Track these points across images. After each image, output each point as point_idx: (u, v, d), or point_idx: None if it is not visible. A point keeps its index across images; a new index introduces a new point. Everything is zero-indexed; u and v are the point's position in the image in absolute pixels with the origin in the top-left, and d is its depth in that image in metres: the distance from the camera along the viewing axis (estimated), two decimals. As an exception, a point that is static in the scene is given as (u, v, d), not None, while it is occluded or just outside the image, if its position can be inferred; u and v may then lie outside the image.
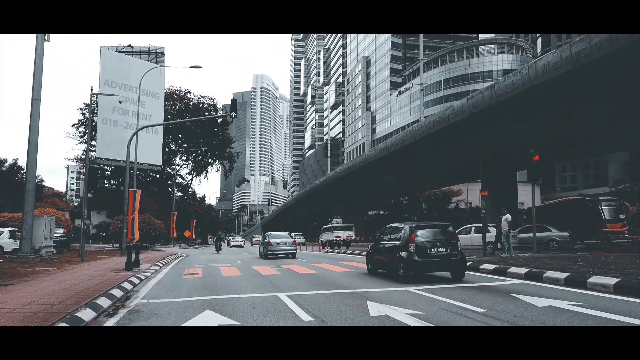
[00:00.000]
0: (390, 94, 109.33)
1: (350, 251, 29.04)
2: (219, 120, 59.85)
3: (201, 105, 59.41)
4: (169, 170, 62.43)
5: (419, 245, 11.06)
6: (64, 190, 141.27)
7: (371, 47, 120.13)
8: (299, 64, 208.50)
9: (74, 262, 17.26)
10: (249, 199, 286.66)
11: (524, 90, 21.45)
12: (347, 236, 42.90)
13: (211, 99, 59.39)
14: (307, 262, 19.31)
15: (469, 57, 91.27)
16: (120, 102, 29.86)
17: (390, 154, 35.54)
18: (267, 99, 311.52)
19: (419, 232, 11.30)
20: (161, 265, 18.84)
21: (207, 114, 59.69)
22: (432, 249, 11.07)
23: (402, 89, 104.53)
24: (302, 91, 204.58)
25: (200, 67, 28.50)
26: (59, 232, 27.93)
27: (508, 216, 17.10)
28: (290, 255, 24.59)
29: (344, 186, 53.95)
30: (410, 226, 11.61)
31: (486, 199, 19.18)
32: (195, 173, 65.17)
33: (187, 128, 61.02)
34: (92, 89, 22.28)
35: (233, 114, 21.35)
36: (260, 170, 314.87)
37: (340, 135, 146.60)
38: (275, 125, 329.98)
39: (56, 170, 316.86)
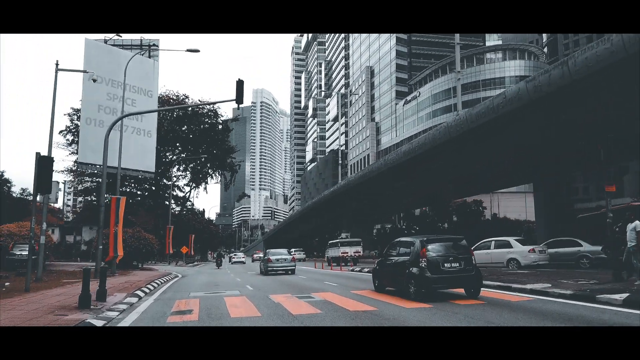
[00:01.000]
0: (396, 104, 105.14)
1: (367, 269, 24.02)
2: (220, 126, 55.21)
3: (200, 110, 54.81)
4: (166, 182, 57.52)
5: (431, 261, 10.31)
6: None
7: (375, 56, 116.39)
8: (300, 78, 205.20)
9: (14, 292, 12.21)
10: (249, 214, 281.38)
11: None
12: (354, 252, 40.34)
13: (211, 103, 54.77)
14: (344, 289, 14.32)
15: (479, 64, 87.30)
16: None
17: (417, 155, 30.75)
18: (267, 113, 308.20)
19: (430, 247, 10.55)
20: (145, 292, 13.89)
21: (207, 120, 55.08)
22: (445, 264, 10.35)
23: (408, 97, 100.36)
24: (303, 104, 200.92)
25: (198, 51, 23.90)
26: (23, 249, 22.82)
27: (638, 224, 11.99)
28: (290, 272, 25.05)
29: (357, 196, 49.15)
30: (420, 240, 10.81)
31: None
32: (193, 184, 60.27)
33: (186, 136, 56.32)
34: (57, 64, 17.28)
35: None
36: (260, 185, 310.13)
37: (344, 147, 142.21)
38: (275, 140, 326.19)
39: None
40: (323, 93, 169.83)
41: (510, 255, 19.68)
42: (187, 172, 61.48)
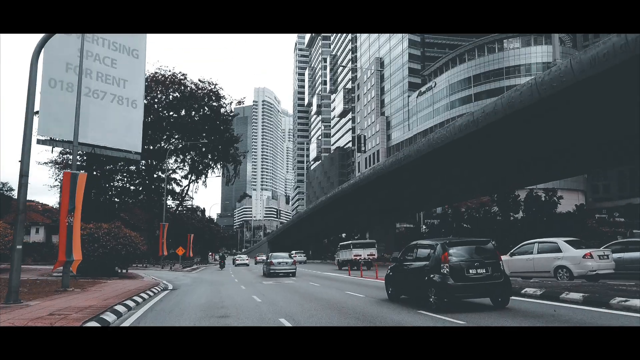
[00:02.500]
0: (409, 96, 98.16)
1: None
2: (221, 110, 48.09)
3: (200, 92, 47.67)
4: (160, 175, 50.41)
5: (454, 266, 9.11)
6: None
7: (385, 47, 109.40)
8: (303, 74, 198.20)
9: None
10: (251, 214, 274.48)
11: None
12: (368, 255, 36.40)
13: (212, 84, 47.68)
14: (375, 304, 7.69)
15: (500, 51, 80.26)
16: None
17: (478, 130, 23.56)
18: (269, 112, 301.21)
19: (453, 250, 9.34)
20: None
21: (208, 102, 47.98)
22: (470, 271, 9.14)
23: (423, 89, 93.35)
24: (306, 101, 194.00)
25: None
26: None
27: None
28: (291, 274, 25.69)
29: (375, 192, 42.13)
30: (441, 243, 9.62)
31: None
32: (192, 177, 53.13)
33: (183, 122, 49.20)
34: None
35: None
36: (262, 185, 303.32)
37: (350, 144, 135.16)
38: (277, 140, 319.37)
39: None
40: (328, 89, 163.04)
41: (559, 262, 15.11)
42: (185, 164, 54.41)
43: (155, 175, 55.82)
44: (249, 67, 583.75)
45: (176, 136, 50.46)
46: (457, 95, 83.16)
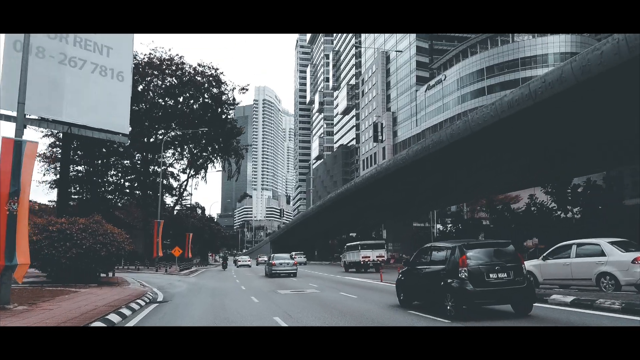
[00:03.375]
0: (416, 90, 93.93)
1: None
2: (223, 97, 43.87)
3: (200, 77, 43.44)
4: (156, 169, 46.22)
5: (474, 271, 8.44)
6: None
7: (391, 41, 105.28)
8: (305, 71, 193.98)
9: None
10: (251, 214, 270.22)
11: None
12: (377, 256, 34.06)
13: (213, 68, 43.40)
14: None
15: (514, 41, 76.14)
16: None
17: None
18: (269, 111, 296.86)
19: (471, 253, 8.66)
20: None
21: (208, 88, 43.78)
22: (491, 275, 8.46)
23: (432, 82, 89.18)
24: (308, 99, 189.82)
25: None
26: None
27: None
28: (292, 275, 26.72)
29: (394, 184, 38.00)
30: (459, 245, 8.87)
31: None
32: (191, 171, 48.91)
33: (182, 111, 44.99)
34: None
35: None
36: (262, 185, 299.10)
37: (354, 142, 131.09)
38: (277, 139, 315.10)
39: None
40: (331, 86, 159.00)
41: (603, 268, 12.61)
42: (184, 158, 50.20)
43: (150, 170, 51.63)
44: (249, 67, 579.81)
45: (173, 126, 46.21)
46: (469, 89, 79.01)
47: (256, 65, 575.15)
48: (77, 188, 52.89)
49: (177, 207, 69.13)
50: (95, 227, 17.40)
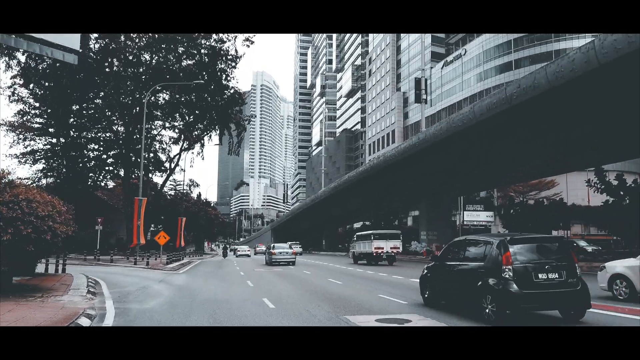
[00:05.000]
0: (431, 67, 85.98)
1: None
2: (222, 49, 35.82)
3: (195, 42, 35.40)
4: (137, 135, 38.33)
5: (520, 270, 7.23)
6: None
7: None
8: (306, 54, 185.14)
9: None
10: (248, 203, 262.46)
11: None
12: (391, 248, 30.24)
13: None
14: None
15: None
16: None
17: None
18: (267, 97, 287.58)
19: (516, 249, 7.42)
20: None
21: (205, 43, 35.80)
22: (540, 275, 7.23)
23: (450, 58, 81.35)
24: (309, 83, 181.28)
25: None
26: None
27: None
28: (291, 263, 27.90)
29: (426, 159, 30.45)
30: (501, 239, 7.63)
31: None
32: (184, 144, 41.01)
33: (172, 70, 36.93)
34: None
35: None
36: (260, 173, 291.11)
37: (359, 126, 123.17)
38: (275, 126, 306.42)
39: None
40: (334, 67, 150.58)
41: None
42: (174, 127, 42.22)
43: (138, 146, 43.73)
44: (247, 52, 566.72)
45: (159, 89, 38.14)
46: (493, 63, 71.17)
47: (254, 50, 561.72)
48: (52, 163, 44.94)
49: (171, 191, 61.33)
50: (17, 197, 9.51)
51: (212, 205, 75.37)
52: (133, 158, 43.01)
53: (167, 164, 42.66)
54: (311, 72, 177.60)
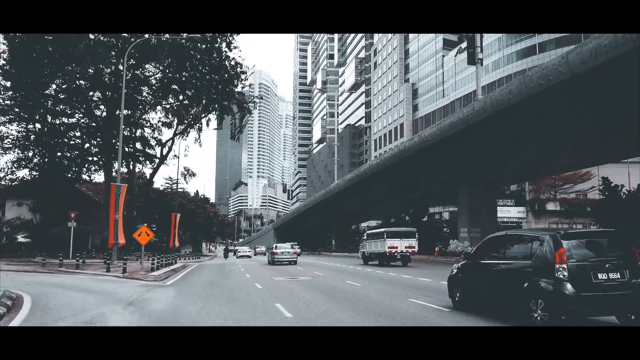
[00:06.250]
0: (443, 56, 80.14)
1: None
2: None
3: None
4: (132, 131, 32.18)
5: (576, 269, 6.26)
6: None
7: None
8: (306, 50, 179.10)
9: None
10: (246, 203, 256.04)
11: None
12: (406, 247, 27.17)
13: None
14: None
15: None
16: None
17: None
18: (266, 96, 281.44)
19: (571, 245, 6.42)
20: None
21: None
22: (599, 275, 6.23)
23: (463, 45, 75.26)
24: (309, 79, 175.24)
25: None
26: None
27: None
28: (293, 262, 28.77)
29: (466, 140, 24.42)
30: (553, 234, 6.61)
31: None
32: (179, 127, 34.79)
33: (160, 41, 30.65)
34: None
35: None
36: (258, 173, 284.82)
37: (363, 121, 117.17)
38: (274, 125, 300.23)
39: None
40: (335, 62, 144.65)
41: None
42: (163, 106, 35.95)
43: (127, 132, 37.42)
44: (245, 50, 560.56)
45: (148, 67, 32.02)
46: (514, 48, 65.34)
47: (252, 46, 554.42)
48: (26, 153, 38.67)
49: (166, 189, 54.89)
50: None
51: (210, 202, 68.95)
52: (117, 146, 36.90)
53: (157, 150, 36.33)
54: (311, 68, 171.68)
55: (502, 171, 29.95)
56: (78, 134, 39.75)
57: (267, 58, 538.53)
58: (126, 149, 38.03)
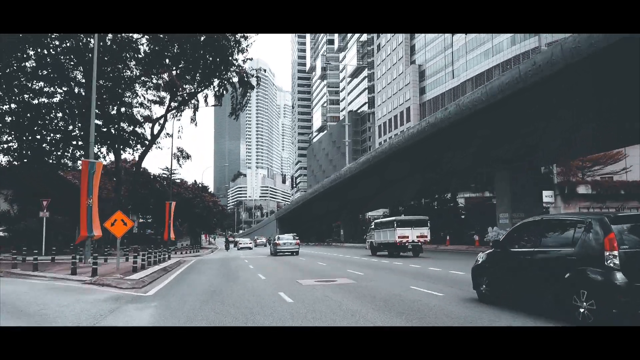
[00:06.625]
0: (452, 35, 75.46)
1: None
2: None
3: None
4: (105, 96, 27.80)
5: (629, 257, 5.43)
6: None
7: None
8: (304, 36, 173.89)
9: None
10: (245, 194, 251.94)
11: None
12: (418, 237, 25.29)
13: None
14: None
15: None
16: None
17: None
18: (263, 85, 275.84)
19: (622, 230, 5.64)
20: None
21: None
22: None
23: (475, 21, 70.63)
24: (308, 66, 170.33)
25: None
26: None
27: None
28: (294, 253, 29.55)
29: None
30: (601, 218, 5.82)
31: None
32: (172, 103, 30.46)
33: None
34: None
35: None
36: (257, 163, 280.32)
37: (366, 107, 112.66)
38: (272, 115, 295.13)
39: None
40: (336, 47, 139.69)
41: None
42: (158, 87, 31.56)
43: (113, 111, 33.01)
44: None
45: (136, 37, 27.63)
46: (531, 22, 60.63)
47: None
48: (3, 137, 34.36)
49: (162, 172, 50.46)
50: None
51: (209, 190, 64.59)
52: (104, 129, 32.61)
53: (147, 129, 32.01)
54: (310, 55, 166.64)
55: (540, 140, 25.60)
56: (60, 115, 35.45)
57: (264, 47, 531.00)
58: (113, 131, 33.83)
